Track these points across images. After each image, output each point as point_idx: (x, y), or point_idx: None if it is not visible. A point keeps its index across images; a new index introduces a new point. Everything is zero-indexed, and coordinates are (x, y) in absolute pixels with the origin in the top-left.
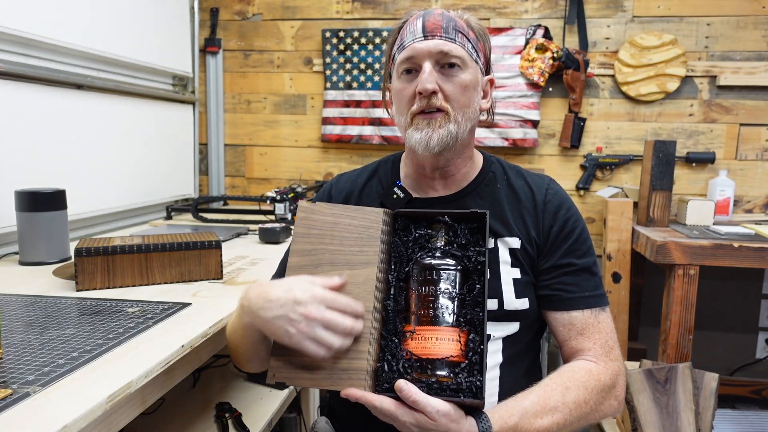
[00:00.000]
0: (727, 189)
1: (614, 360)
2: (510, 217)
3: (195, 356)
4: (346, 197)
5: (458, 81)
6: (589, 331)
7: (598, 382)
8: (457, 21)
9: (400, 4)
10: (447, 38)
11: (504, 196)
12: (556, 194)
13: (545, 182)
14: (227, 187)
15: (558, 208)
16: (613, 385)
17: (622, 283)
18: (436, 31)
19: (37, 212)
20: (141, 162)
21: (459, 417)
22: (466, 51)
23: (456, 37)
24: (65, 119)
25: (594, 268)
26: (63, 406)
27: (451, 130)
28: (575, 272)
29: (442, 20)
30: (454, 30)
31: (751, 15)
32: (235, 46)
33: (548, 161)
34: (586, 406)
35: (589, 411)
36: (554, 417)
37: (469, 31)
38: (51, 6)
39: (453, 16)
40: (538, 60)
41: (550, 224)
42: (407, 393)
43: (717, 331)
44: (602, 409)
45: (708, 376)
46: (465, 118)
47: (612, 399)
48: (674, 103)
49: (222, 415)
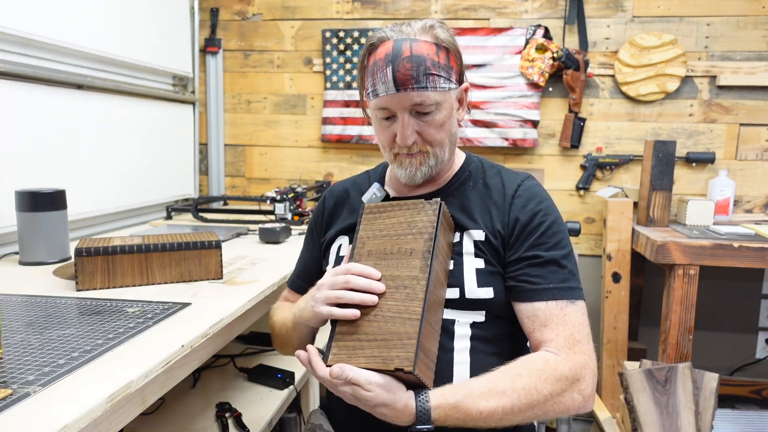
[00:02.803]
0: (727, 189)
1: (580, 353)
2: (477, 212)
3: (195, 356)
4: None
5: (434, 123)
6: (552, 323)
7: (554, 371)
8: (426, 59)
9: (400, 4)
10: (419, 88)
11: (476, 192)
12: (528, 189)
13: (520, 178)
14: (227, 187)
15: (527, 201)
16: (576, 378)
17: (622, 283)
18: (407, 83)
19: (37, 212)
20: (141, 162)
21: (395, 388)
22: (439, 90)
23: (428, 83)
24: (65, 119)
25: (564, 261)
26: (63, 406)
27: (432, 165)
28: (541, 264)
29: (411, 68)
30: (425, 76)
31: (751, 15)
32: (235, 46)
33: (548, 161)
34: (538, 393)
35: (542, 399)
36: (500, 400)
37: (441, 56)
38: (51, 6)
39: (422, 51)
40: (538, 60)
41: (517, 216)
42: (340, 375)
43: (717, 331)
44: (561, 401)
45: (708, 376)
46: (444, 149)
47: (575, 392)
48: (674, 103)
49: (222, 415)
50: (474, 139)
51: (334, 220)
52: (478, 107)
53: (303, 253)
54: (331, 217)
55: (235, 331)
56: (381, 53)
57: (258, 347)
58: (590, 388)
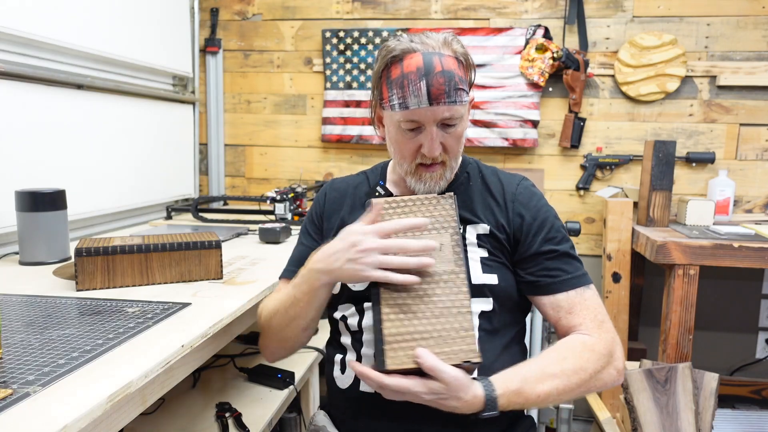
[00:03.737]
0: (727, 189)
1: (607, 332)
2: (478, 208)
3: (195, 356)
4: (341, 195)
5: (456, 134)
6: (577, 309)
7: (593, 351)
8: (455, 74)
9: (400, 4)
10: (449, 102)
11: (476, 191)
12: (527, 189)
13: (517, 179)
14: (227, 187)
15: (528, 200)
16: (610, 353)
17: (622, 283)
18: (441, 97)
19: (37, 212)
20: (141, 162)
21: (468, 381)
22: (464, 104)
23: (457, 98)
24: (65, 119)
25: (572, 251)
26: (63, 406)
27: (448, 178)
28: (556, 257)
29: (445, 83)
30: (455, 91)
31: (751, 15)
32: (235, 46)
33: (548, 161)
34: (584, 373)
35: (587, 378)
36: (554, 382)
37: (461, 70)
38: (51, 6)
39: (451, 67)
40: (538, 60)
41: (521, 214)
42: (424, 360)
43: (717, 331)
44: (602, 377)
45: (708, 376)
46: (457, 159)
47: (611, 368)
48: (674, 103)
49: (222, 415)
50: (474, 139)
51: (335, 213)
52: (478, 107)
53: (300, 243)
54: (333, 210)
55: (235, 331)
56: (411, 66)
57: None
58: (622, 362)
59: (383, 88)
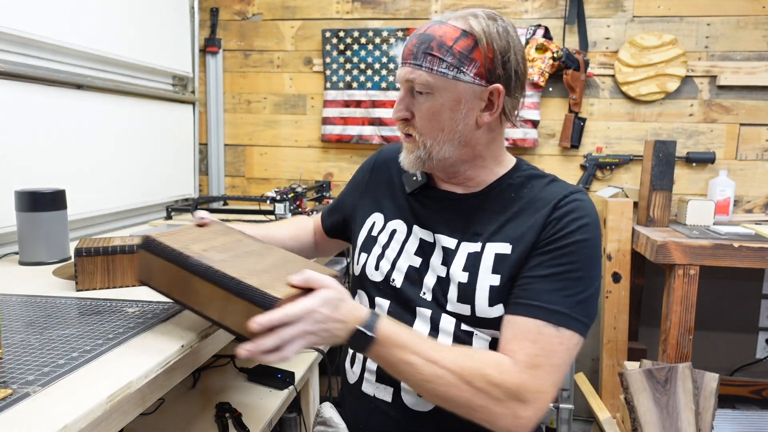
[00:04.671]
0: (727, 189)
1: (536, 378)
2: (509, 224)
3: (195, 356)
4: (386, 163)
5: (425, 108)
6: (520, 338)
7: (498, 375)
8: (434, 38)
9: (400, 4)
10: (414, 65)
11: (514, 203)
12: (574, 201)
13: (569, 189)
14: (227, 187)
15: (567, 214)
16: (518, 396)
17: (622, 283)
18: (407, 57)
19: (37, 212)
20: (141, 162)
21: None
22: (436, 74)
23: (424, 62)
24: (65, 119)
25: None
26: (63, 406)
27: (420, 156)
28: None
29: (416, 44)
30: (423, 54)
31: (751, 15)
32: (235, 46)
33: (548, 161)
34: (469, 384)
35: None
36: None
37: (456, 44)
38: (51, 6)
39: (435, 32)
40: (538, 60)
41: (546, 223)
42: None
43: (717, 331)
44: (489, 408)
45: (708, 376)
46: (438, 142)
47: (509, 410)
48: (674, 103)
49: (222, 415)
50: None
51: (373, 185)
52: None
53: (344, 194)
54: (372, 182)
55: None
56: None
57: None
58: (530, 416)
59: None
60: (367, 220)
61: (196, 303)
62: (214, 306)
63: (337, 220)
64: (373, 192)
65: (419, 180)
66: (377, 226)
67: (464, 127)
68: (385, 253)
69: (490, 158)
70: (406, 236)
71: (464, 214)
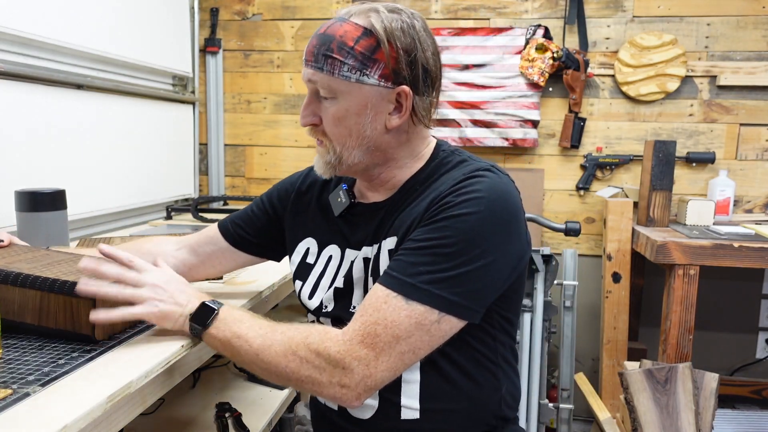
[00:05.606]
0: (727, 189)
1: (366, 346)
2: (403, 218)
3: (195, 356)
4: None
5: (330, 113)
6: (367, 307)
7: (320, 342)
8: (334, 39)
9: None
10: (315, 67)
11: (418, 196)
12: (471, 179)
13: (469, 171)
14: (227, 187)
15: (453, 191)
16: (341, 364)
17: (622, 283)
18: (309, 59)
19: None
20: (141, 162)
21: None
22: (338, 78)
23: (324, 65)
24: (65, 119)
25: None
26: (63, 406)
27: (329, 160)
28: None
29: (316, 44)
30: (323, 56)
31: (751, 15)
32: (235, 46)
33: (548, 161)
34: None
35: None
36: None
37: (358, 44)
38: (51, 6)
39: (335, 32)
40: (538, 60)
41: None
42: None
43: (717, 331)
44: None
45: (708, 376)
46: (347, 147)
47: (333, 377)
48: (674, 103)
49: (222, 415)
50: (474, 139)
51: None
52: (478, 107)
53: (253, 209)
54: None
55: None
56: None
57: None
58: (356, 384)
59: None
60: (299, 244)
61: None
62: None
63: (250, 232)
64: (302, 213)
65: (344, 202)
66: (312, 252)
67: (372, 132)
68: (320, 283)
69: (407, 157)
70: (339, 261)
71: (382, 221)
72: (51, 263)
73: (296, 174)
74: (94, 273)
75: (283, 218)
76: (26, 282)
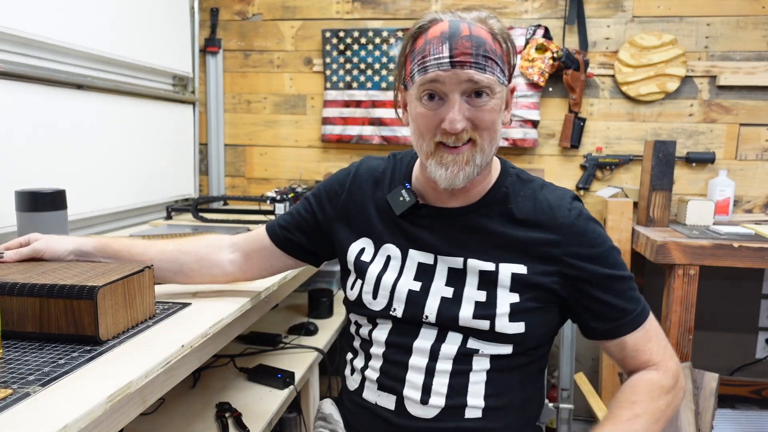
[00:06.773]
0: (727, 189)
1: (670, 358)
2: (519, 241)
3: (195, 356)
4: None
5: (487, 109)
6: (642, 345)
7: (661, 388)
8: (485, 41)
9: (400, 4)
10: (477, 67)
11: (511, 213)
12: (581, 215)
13: (567, 201)
14: (227, 187)
15: (585, 231)
16: (675, 383)
17: None
18: (466, 60)
19: (37, 212)
20: (141, 162)
21: None
22: (496, 76)
23: (487, 65)
24: (65, 119)
25: (632, 282)
26: (63, 406)
27: (477, 164)
28: (619, 296)
29: (471, 46)
30: (484, 57)
31: (751, 15)
32: (235, 46)
33: (548, 161)
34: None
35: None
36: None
37: (496, 46)
38: (51, 6)
39: (481, 34)
40: (538, 60)
41: (580, 254)
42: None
43: (717, 331)
44: (674, 403)
45: (708, 376)
46: (491, 145)
47: (679, 392)
48: (674, 103)
49: (222, 415)
50: None
51: (354, 209)
52: None
53: (300, 212)
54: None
55: (235, 331)
56: (435, 32)
57: (258, 347)
58: (684, 381)
59: (406, 63)
60: (353, 244)
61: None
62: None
63: (298, 236)
64: (355, 212)
65: (407, 201)
66: (368, 252)
67: (500, 130)
68: (382, 281)
69: (491, 164)
70: (402, 261)
71: (464, 230)
72: (45, 272)
73: (342, 172)
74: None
75: (332, 219)
76: (23, 290)
